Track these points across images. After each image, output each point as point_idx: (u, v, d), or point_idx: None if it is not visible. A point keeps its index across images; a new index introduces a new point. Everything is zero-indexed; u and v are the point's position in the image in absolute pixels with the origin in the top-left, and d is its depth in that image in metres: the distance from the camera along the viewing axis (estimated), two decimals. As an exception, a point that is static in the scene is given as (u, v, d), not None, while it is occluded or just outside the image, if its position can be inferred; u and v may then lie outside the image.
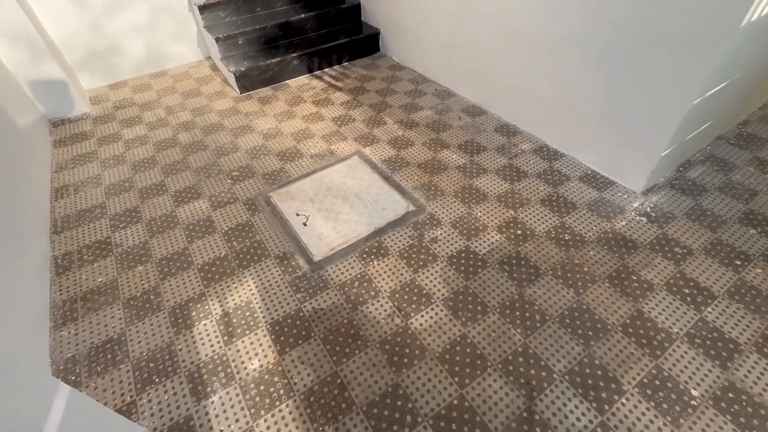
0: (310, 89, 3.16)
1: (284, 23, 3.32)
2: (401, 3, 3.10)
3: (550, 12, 2.06)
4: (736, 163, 2.20)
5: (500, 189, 2.14)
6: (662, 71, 1.72)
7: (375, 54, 3.64)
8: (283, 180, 2.30)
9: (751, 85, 2.16)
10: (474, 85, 2.80)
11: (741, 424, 1.25)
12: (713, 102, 1.87)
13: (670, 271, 1.69)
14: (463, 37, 2.67)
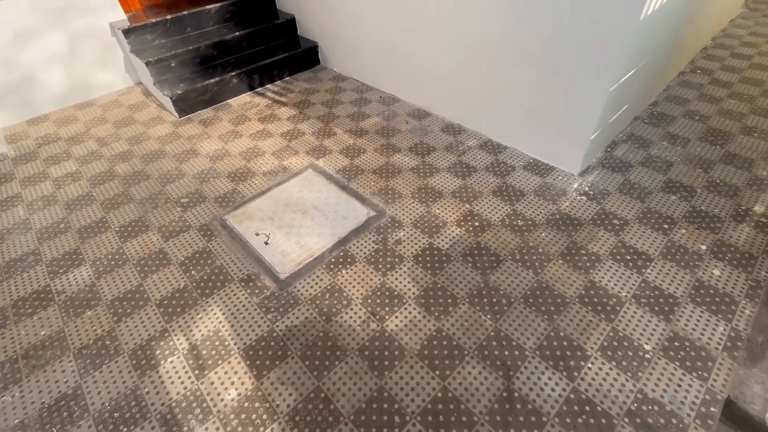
0: (253, 107, 3.11)
1: (219, 42, 3.24)
2: (335, 16, 3.15)
3: (477, 17, 2.20)
4: (653, 140, 2.47)
5: (454, 185, 2.24)
6: (581, 64, 1.91)
7: (316, 67, 3.66)
8: (237, 201, 2.24)
9: (656, 70, 2.45)
10: (416, 90, 2.90)
11: (687, 367, 1.40)
12: (627, 87, 2.10)
13: (612, 241, 1.86)
14: (399, 45, 2.77)
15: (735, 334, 1.49)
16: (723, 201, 2.02)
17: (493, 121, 2.51)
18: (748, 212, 1.96)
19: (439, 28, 2.44)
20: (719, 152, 2.33)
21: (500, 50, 2.20)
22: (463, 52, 2.39)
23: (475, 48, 2.31)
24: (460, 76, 2.51)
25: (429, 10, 2.42)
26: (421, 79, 2.80)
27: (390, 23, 2.74)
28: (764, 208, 1.97)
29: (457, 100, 2.64)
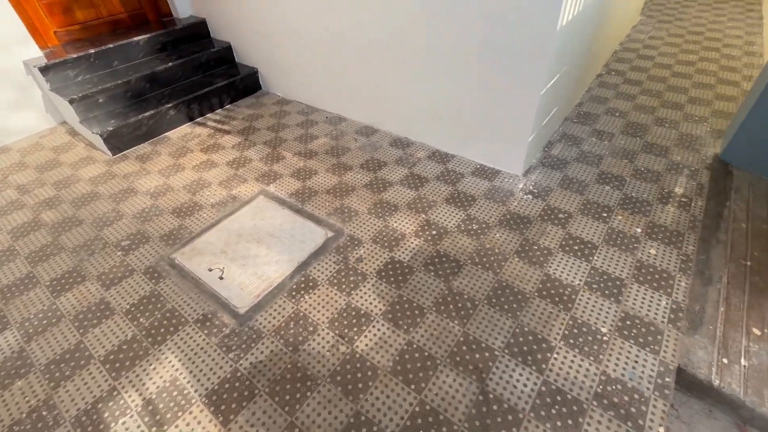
0: (195, 137, 2.99)
1: (150, 74, 3.10)
2: (273, 40, 3.15)
3: (413, 35, 2.29)
4: (583, 137, 2.68)
5: (408, 197, 2.28)
6: (512, 74, 2.04)
7: (258, 92, 3.61)
8: (185, 237, 2.11)
9: (577, 74, 2.68)
10: (362, 107, 2.94)
11: (641, 343, 1.50)
12: (554, 91, 2.27)
13: (560, 234, 1.98)
14: (341, 65, 2.81)
15: (676, 306, 1.62)
16: (649, 186, 2.23)
17: (438, 132, 2.60)
18: (670, 194, 2.17)
19: (378, 46, 2.51)
20: (639, 143, 2.58)
21: (437, 64, 2.30)
22: (403, 67, 2.47)
23: (414, 63, 2.40)
24: (403, 91, 2.59)
25: (366, 28, 2.49)
26: (366, 97, 2.85)
27: (330, 43, 2.78)
28: (683, 189, 2.19)
29: (403, 115, 2.71)
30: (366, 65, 2.66)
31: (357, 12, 2.45)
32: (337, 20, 2.60)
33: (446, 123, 2.51)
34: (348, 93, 2.94)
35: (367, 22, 2.45)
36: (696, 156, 2.43)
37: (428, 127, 2.63)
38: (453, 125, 2.49)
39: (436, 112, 2.51)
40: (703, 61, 3.58)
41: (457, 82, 2.28)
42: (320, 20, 2.70)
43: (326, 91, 3.09)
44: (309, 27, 2.80)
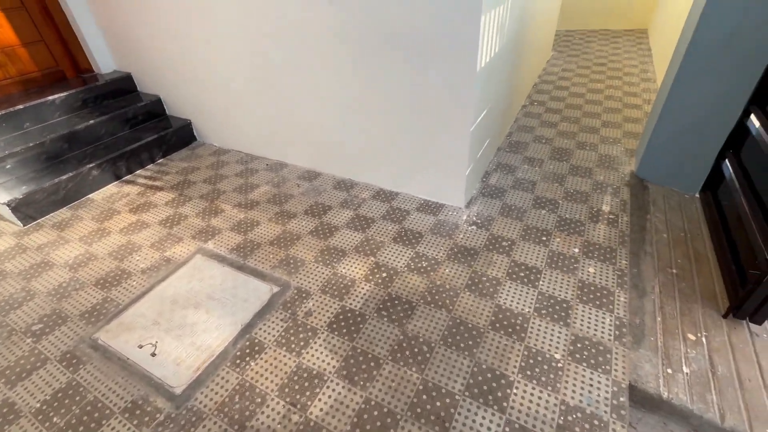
0: (122, 197, 2.77)
1: (69, 134, 2.89)
2: (204, 90, 3.08)
3: (348, 80, 2.34)
4: (516, 165, 2.84)
5: (355, 240, 2.24)
6: (442, 114, 2.13)
7: (192, 144, 3.48)
8: (110, 312, 1.89)
9: (503, 107, 2.87)
10: (303, 152, 2.92)
11: (592, 364, 1.53)
12: (484, 125, 2.40)
13: (506, 263, 2.02)
14: (279, 111, 2.80)
15: (619, 322, 1.69)
16: (579, 207, 2.37)
17: (381, 171, 2.63)
18: (599, 212, 2.32)
19: (315, 90, 2.53)
20: (566, 166, 2.77)
21: (372, 107, 2.35)
22: (342, 110, 2.50)
23: (350, 106, 2.44)
24: (343, 133, 2.61)
25: (300, 74, 2.51)
26: (306, 141, 2.84)
27: (264, 90, 2.76)
28: (609, 207, 2.36)
29: (344, 156, 2.72)
30: (303, 109, 2.67)
31: (289, 59, 2.48)
32: (268, 67, 2.61)
33: (387, 162, 2.55)
34: (287, 138, 2.91)
35: (301, 68, 2.48)
36: (616, 174, 2.65)
37: (370, 167, 2.65)
38: (394, 164, 2.53)
39: (376, 152, 2.54)
40: (609, 88, 4.01)
41: (391, 123, 2.34)
42: (251, 67, 2.69)
43: (265, 138, 3.05)
44: (240, 74, 2.78)
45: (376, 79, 2.22)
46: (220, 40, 2.68)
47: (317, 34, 2.25)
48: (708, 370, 1.50)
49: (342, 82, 2.36)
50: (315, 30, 2.24)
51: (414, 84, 2.12)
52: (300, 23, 2.27)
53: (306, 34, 2.29)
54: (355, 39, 2.15)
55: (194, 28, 2.73)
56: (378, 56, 2.14)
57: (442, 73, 2.01)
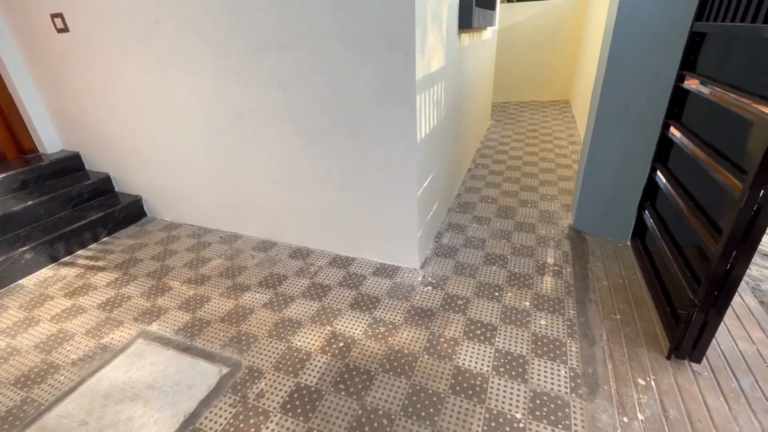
0: (57, 281, 2.58)
1: (2, 216, 2.72)
2: (162, 165, 3.08)
3: (298, 154, 2.45)
4: (466, 224, 2.99)
5: (311, 310, 2.18)
6: (391, 180, 2.26)
7: (142, 220, 3.38)
8: (29, 415, 1.66)
9: (450, 172, 3.09)
10: (258, 222, 2.92)
11: (553, 421, 1.51)
12: (431, 190, 2.56)
13: (462, 321, 2.04)
14: (232, 182, 2.83)
15: (573, 373, 1.72)
16: (526, 260, 2.50)
17: (337, 237, 2.66)
18: (545, 265, 2.45)
19: (268, 164, 2.61)
20: (512, 223, 2.96)
21: (322, 176, 2.45)
22: (295, 182, 2.58)
23: (304, 178, 2.53)
24: (297, 204, 2.66)
25: (251, 147, 2.60)
26: (261, 212, 2.85)
27: (219, 165, 2.81)
28: (553, 259, 2.51)
29: (300, 224, 2.75)
30: (256, 183, 2.72)
31: (243, 135, 2.58)
32: (223, 143, 2.69)
33: (342, 229, 2.60)
34: (242, 209, 2.92)
35: (255, 144, 2.58)
36: (556, 228, 2.85)
37: (326, 234, 2.69)
38: (348, 230, 2.58)
39: (330, 220, 2.60)
40: (543, 151, 4.46)
41: (343, 192, 2.44)
42: (205, 143, 2.76)
43: (219, 210, 3.03)
44: (194, 150, 2.83)
45: (325, 153, 2.36)
46: (175, 118, 2.76)
47: (269, 113, 2.39)
48: (661, 415, 1.53)
49: (294, 156, 2.47)
50: (267, 110, 2.39)
51: (360, 156, 2.26)
52: (253, 104, 2.41)
53: (258, 114, 2.43)
54: (303, 119, 2.30)
55: (147, 106, 2.81)
56: (326, 133, 2.29)
57: (385, 145, 2.17)
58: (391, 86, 2.01)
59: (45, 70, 3.10)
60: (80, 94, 3.05)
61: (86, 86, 2.97)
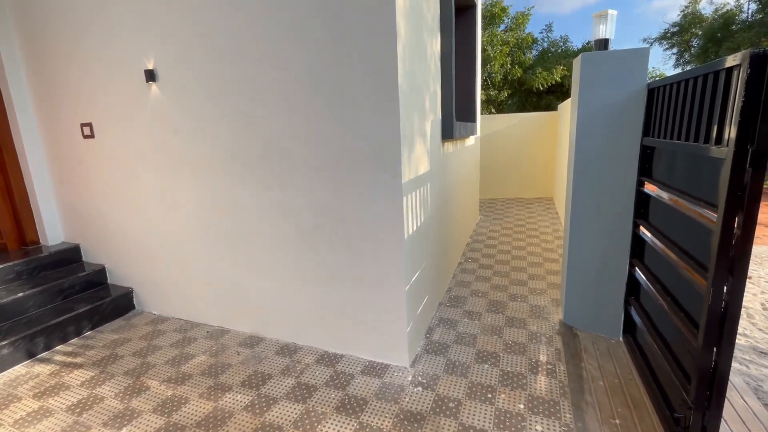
0: (29, 380, 2.44)
1: (-12, 309, 2.69)
2: (155, 259, 3.15)
3: (290, 249, 2.56)
4: (457, 319, 2.97)
5: (294, 414, 2.05)
6: (379, 275, 2.34)
7: (129, 313, 3.33)
8: None
9: (439, 266, 3.17)
10: (246, 317, 2.89)
11: None
12: (420, 284, 2.61)
13: (455, 427, 1.92)
14: (223, 275, 2.87)
15: (576, 490, 1.57)
16: (519, 358, 2.44)
17: (325, 333, 2.62)
18: (538, 363, 2.39)
19: (260, 259, 2.70)
20: (503, 318, 2.95)
21: (314, 275, 2.52)
22: (284, 278, 2.64)
23: (294, 275, 2.60)
24: (286, 299, 2.68)
25: (248, 244, 2.71)
26: (250, 305, 2.84)
27: (211, 259, 2.89)
28: (546, 357, 2.45)
29: (288, 319, 2.72)
30: (247, 277, 2.77)
31: (236, 231, 2.71)
32: (216, 237, 2.81)
33: (330, 324, 2.58)
34: (231, 303, 2.91)
35: (248, 239, 2.70)
36: (547, 324, 2.84)
37: (314, 330, 2.65)
38: (337, 326, 2.56)
39: (319, 315, 2.59)
40: (530, 245, 4.63)
41: (331, 288, 2.49)
42: (199, 237, 2.88)
43: (208, 304, 3.02)
44: (188, 242, 2.94)
45: (315, 248, 2.47)
46: (175, 214, 2.93)
47: (266, 212, 2.57)
48: None
49: (286, 253, 2.58)
50: (265, 208, 2.57)
51: (350, 252, 2.38)
52: (252, 203, 2.60)
53: (255, 212, 2.61)
54: (296, 218, 2.47)
55: (151, 203, 3.00)
56: (317, 229, 2.43)
57: (374, 241, 2.30)
58: (380, 189, 2.22)
59: (63, 168, 3.38)
60: (90, 190, 3.27)
61: (98, 184, 3.21)
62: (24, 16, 3.13)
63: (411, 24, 2.27)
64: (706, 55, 14.07)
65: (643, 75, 2.27)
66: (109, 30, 2.77)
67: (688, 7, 15.77)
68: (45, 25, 3.04)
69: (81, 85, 3.03)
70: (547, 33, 16.19)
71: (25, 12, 3.11)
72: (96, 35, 2.83)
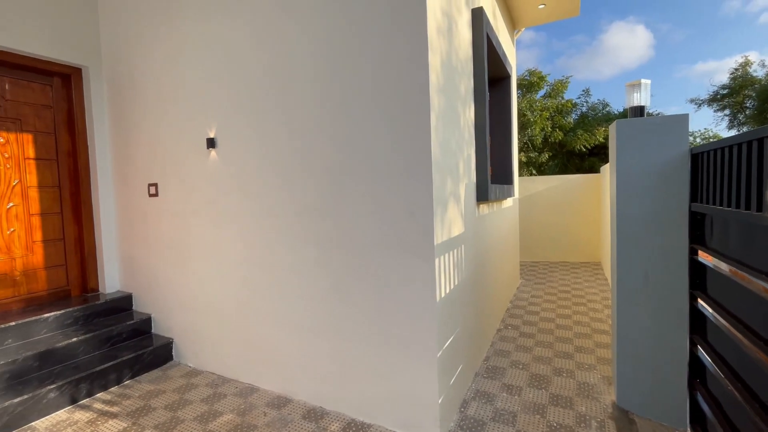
0: (68, 426, 2.52)
1: (44, 352, 2.89)
2: (195, 311, 3.28)
3: (321, 305, 2.59)
4: (494, 392, 2.75)
5: (315, 488, 1.92)
6: (409, 339, 2.27)
7: (167, 364, 3.41)
8: None
9: (475, 332, 3.02)
10: (276, 375, 2.86)
11: None
12: (454, 351, 2.49)
13: None
14: (257, 332, 2.91)
15: None
16: (566, 445, 2.17)
17: (352, 397, 2.52)
18: (588, 453, 2.11)
19: (290, 314, 2.73)
20: (546, 395, 2.68)
21: (343, 331, 2.50)
22: (313, 334, 2.63)
23: (323, 331, 2.59)
24: (314, 357, 2.64)
25: (280, 299, 2.77)
26: (278, 362, 2.83)
27: (244, 313, 2.96)
28: (598, 445, 2.16)
29: (315, 379, 2.66)
30: (278, 332, 2.79)
31: (271, 285, 2.80)
32: (250, 291, 2.90)
33: (357, 387, 2.48)
34: (262, 361, 2.91)
35: (281, 294, 2.76)
36: (597, 405, 2.54)
37: (341, 393, 2.56)
38: (364, 390, 2.46)
39: (346, 376, 2.52)
40: (577, 314, 4.30)
41: (359, 346, 2.44)
42: (235, 290, 2.98)
43: (240, 360, 3.04)
44: (225, 295, 3.05)
45: (346, 305, 2.47)
46: (217, 268, 3.09)
47: (301, 266, 2.65)
48: None
49: (315, 310, 2.60)
50: (300, 263, 2.65)
51: (380, 313, 2.35)
52: (288, 257, 2.71)
53: (291, 266, 2.70)
54: (327, 274, 2.53)
55: (198, 255, 3.20)
56: (349, 287, 2.46)
57: (404, 303, 2.27)
58: (412, 249, 2.24)
59: (128, 223, 3.75)
60: (147, 243, 3.57)
61: (154, 237, 3.51)
62: (115, 93, 3.72)
63: (445, 96, 2.44)
64: (762, 116, 13.50)
65: (684, 140, 2.22)
66: (182, 104, 3.21)
67: (738, 69, 15.53)
68: (131, 102, 3.59)
69: (153, 150, 3.46)
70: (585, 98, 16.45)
71: (117, 90, 3.70)
72: (170, 109, 3.29)
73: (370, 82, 2.30)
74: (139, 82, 3.51)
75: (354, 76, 2.35)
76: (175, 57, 3.21)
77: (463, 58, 2.94)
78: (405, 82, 2.20)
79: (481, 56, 3.20)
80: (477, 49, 3.21)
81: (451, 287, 2.49)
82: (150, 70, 3.42)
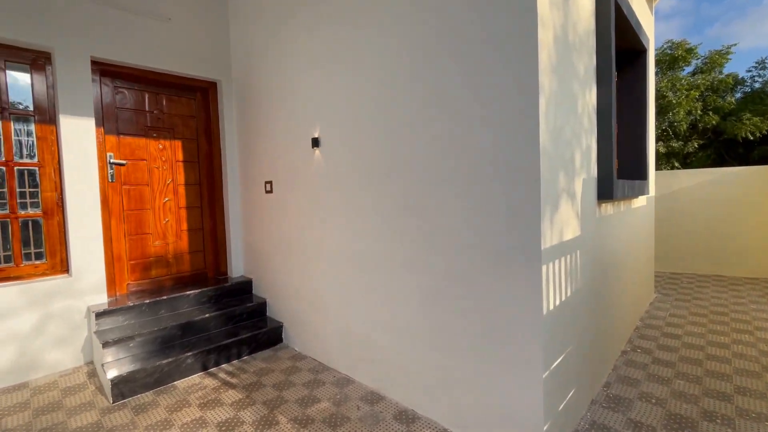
0: (199, 390, 2.94)
1: (186, 323, 3.43)
2: (303, 299, 3.53)
3: (422, 311, 2.50)
4: (617, 428, 2.30)
5: (402, 496, 1.85)
6: (511, 355, 2.03)
7: (278, 345, 3.75)
8: None
9: (592, 352, 2.58)
10: (371, 371, 2.89)
11: None
12: (564, 372, 2.15)
13: None
14: (348, 325, 2.98)
15: None
16: None
17: (445, 406, 2.38)
18: None
19: (391, 315, 2.71)
20: (691, 444, 2.14)
21: (435, 336, 2.37)
22: (411, 338, 2.56)
23: (422, 336, 2.50)
24: (411, 359, 2.58)
25: (382, 299, 2.77)
26: (372, 358, 2.84)
27: (348, 306, 3.05)
28: None
29: (409, 381, 2.59)
30: (376, 330, 2.80)
31: (372, 283, 2.81)
32: (352, 287, 2.96)
33: (451, 397, 2.33)
34: (359, 355, 2.97)
35: (382, 294, 2.76)
36: (773, 472, 1.92)
37: (433, 399, 2.44)
38: (458, 401, 2.29)
39: (439, 382, 2.38)
40: (738, 344, 3.38)
41: (452, 355, 2.27)
42: (336, 281, 3.09)
43: (339, 351, 3.15)
44: (328, 286, 3.19)
45: (440, 310, 2.33)
46: (321, 260, 3.25)
47: (397, 265, 2.60)
48: None
49: (411, 312, 2.52)
50: (396, 261, 2.61)
51: (477, 322, 2.15)
52: (386, 255, 2.68)
53: (382, 263, 2.67)
54: (423, 276, 2.41)
55: (307, 248, 3.42)
56: (444, 291, 2.31)
57: (505, 313, 2.03)
58: (514, 254, 1.99)
59: (250, 217, 4.23)
60: (263, 234, 3.97)
61: (270, 229, 3.88)
62: (241, 102, 4.22)
63: (557, 77, 2.10)
64: None
65: None
66: (291, 107, 3.46)
67: None
68: (252, 109, 4.03)
69: (269, 151, 3.83)
70: (758, 71, 13.00)
71: (242, 99, 4.20)
72: (282, 113, 3.59)
73: (472, 64, 2.11)
74: (259, 91, 3.92)
75: (450, 60, 2.19)
76: (288, 66, 3.48)
77: (582, 31, 2.51)
78: (512, 63, 1.95)
79: (607, 28, 2.70)
80: (602, 19, 2.72)
81: (562, 298, 2.15)
82: (266, 79, 3.78)
